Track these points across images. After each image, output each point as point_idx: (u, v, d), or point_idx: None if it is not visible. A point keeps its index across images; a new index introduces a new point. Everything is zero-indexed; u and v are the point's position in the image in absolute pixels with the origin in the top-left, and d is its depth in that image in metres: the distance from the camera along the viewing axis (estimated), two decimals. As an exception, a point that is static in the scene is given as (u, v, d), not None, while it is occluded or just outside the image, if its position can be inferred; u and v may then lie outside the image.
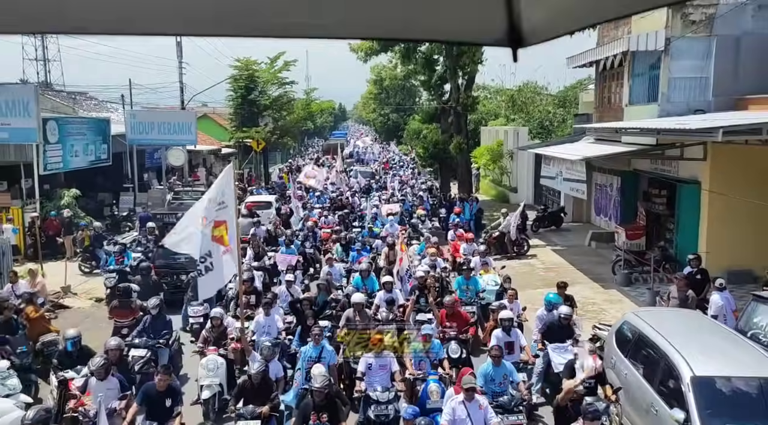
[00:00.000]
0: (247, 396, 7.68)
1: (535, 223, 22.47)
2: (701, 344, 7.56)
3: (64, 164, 21.06)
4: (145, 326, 9.78)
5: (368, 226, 19.06)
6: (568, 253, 19.02)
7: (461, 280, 12.02)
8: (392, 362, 8.20)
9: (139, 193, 26.42)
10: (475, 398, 6.86)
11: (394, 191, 27.15)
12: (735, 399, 6.68)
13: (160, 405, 7.40)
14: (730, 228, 13.98)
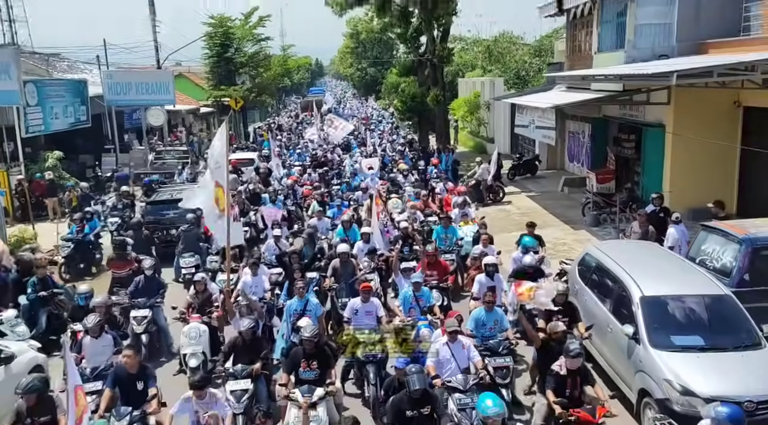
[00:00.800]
0: (237, 354, 7.58)
1: (510, 171, 23.20)
2: (652, 269, 8.40)
3: (45, 127, 21.19)
4: (138, 287, 9.80)
5: (345, 180, 19.47)
6: (542, 198, 19.85)
7: (440, 229, 12.38)
8: (378, 307, 8.42)
9: (121, 154, 26.55)
10: (458, 339, 7.11)
11: (374, 147, 27.60)
12: (679, 314, 7.54)
13: (131, 388, 6.91)
14: (692, 168, 14.77)
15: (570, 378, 6.46)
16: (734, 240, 8.84)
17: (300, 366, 7.02)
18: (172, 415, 6.55)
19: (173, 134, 34.62)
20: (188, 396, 6.55)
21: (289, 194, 17.90)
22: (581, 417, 6.14)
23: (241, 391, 7.10)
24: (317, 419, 6.52)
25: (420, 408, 6.21)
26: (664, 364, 6.88)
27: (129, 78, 26.58)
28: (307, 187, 18.65)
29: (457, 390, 6.72)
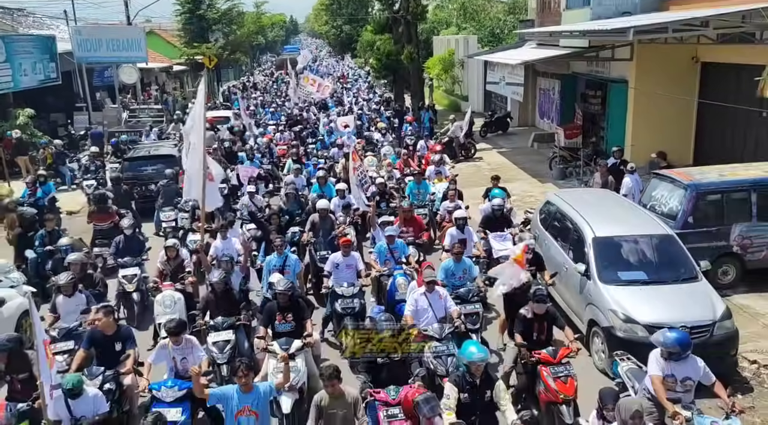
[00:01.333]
0: (212, 308, 7.63)
1: (482, 128, 23.70)
2: (605, 214, 9.07)
3: (14, 84, 20.96)
4: (119, 247, 9.75)
5: (320, 138, 19.72)
6: (512, 154, 20.45)
7: (413, 185, 12.62)
8: (358, 261, 8.61)
9: (93, 112, 26.39)
10: (435, 289, 7.26)
11: (350, 105, 27.73)
12: (626, 253, 8.22)
13: (109, 349, 6.80)
14: (653, 122, 15.41)
15: (537, 322, 6.68)
16: (680, 186, 9.53)
17: (276, 319, 7.11)
18: (149, 363, 6.61)
19: (146, 93, 34.28)
20: (164, 343, 6.64)
21: (265, 153, 18.06)
22: (542, 358, 6.40)
23: (223, 342, 7.24)
24: (296, 369, 6.56)
25: (389, 355, 6.30)
26: (610, 296, 7.59)
27: (99, 34, 26.17)
28: (281, 147, 18.85)
29: (433, 338, 6.85)
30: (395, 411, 5.81)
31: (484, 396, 5.54)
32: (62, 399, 5.66)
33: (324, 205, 10.40)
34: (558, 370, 6.31)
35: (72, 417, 5.69)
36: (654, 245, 8.17)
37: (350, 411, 5.53)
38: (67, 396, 5.65)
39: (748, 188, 9.40)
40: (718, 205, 9.46)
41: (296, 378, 6.50)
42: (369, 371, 6.29)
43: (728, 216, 9.39)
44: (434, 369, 6.67)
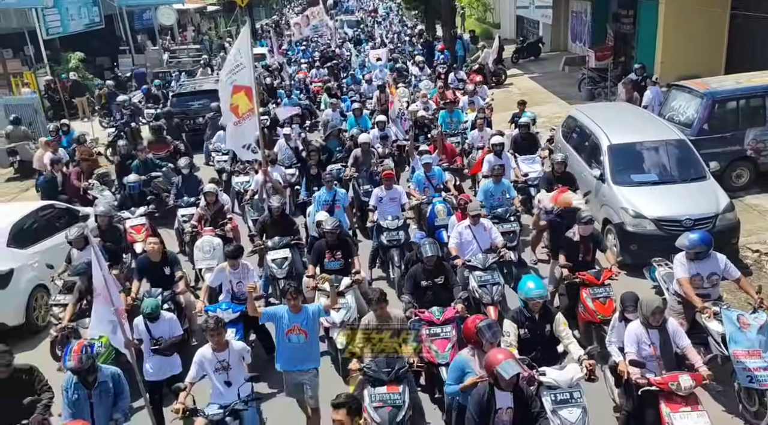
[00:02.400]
0: (268, 230, 7.99)
1: (514, 55, 23.80)
2: (622, 124, 9.67)
3: (63, 28, 22.02)
4: (178, 187, 9.90)
5: (351, 72, 19.97)
6: (543, 78, 20.68)
7: (445, 114, 12.60)
8: (402, 194, 8.68)
9: (136, 55, 27.44)
10: (480, 222, 7.29)
11: (382, 38, 27.87)
12: (639, 157, 8.89)
13: (158, 273, 7.14)
14: (683, 38, 15.42)
15: (582, 244, 6.79)
16: (697, 95, 10.01)
17: (324, 258, 7.23)
18: (207, 286, 6.97)
19: (182, 35, 35.06)
20: (222, 267, 6.90)
21: (302, 88, 18.45)
22: (585, 279, 6.53)
23: (281, 259, 7.68)
24: (346, 306, 6.70)
25: (434, 278, 6.41)
26: (622, 196, 8.34)
27: (137, -23, 26.81)
28: (316, 83, 19.04)
29: (478, 268, 6.95)
30: (437, 330, 6.02)
31: (544, 330, 5.45)
32: (142, 323, 6.00)
33: (366, 139, 10.41)
34: (598, 291, 6.46)
35: (151, 338, 5.98)
36: (666, 150, 8.80)
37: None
38: (147, 318, 5.98)
39: (763, 94, 9.83)
40: (733, 111, 9.95)
41: (347, 315, 6.64)
42: (413, 293, 6.39)
43: (742, 122, 9.90)
44: (479, 298, 6.79)
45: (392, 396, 5.15)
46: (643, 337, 5.21)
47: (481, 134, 11.08)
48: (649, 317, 5.15)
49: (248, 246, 8.45)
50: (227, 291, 6.85)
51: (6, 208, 9.55)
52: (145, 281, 7.16)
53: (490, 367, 4.42)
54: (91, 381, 5.02)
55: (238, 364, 5.39)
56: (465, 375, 4.97)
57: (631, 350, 5.20)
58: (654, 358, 5.19)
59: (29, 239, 8.19)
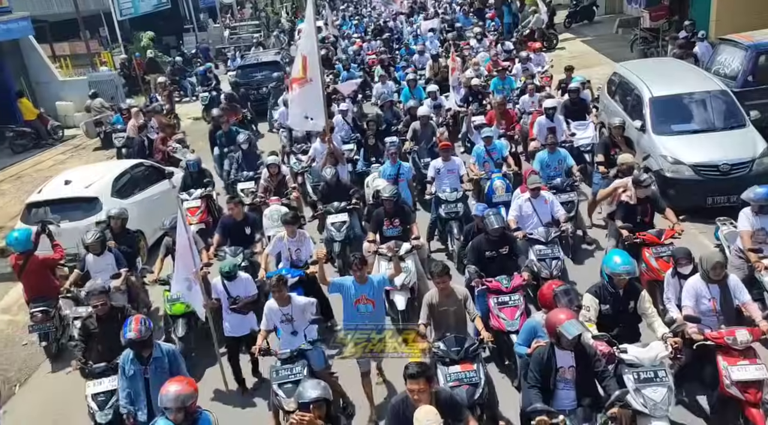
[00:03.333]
0: (327, 197, 8.42)
1: (567, 19, 23.77)
2: (665, 77, 10.03)
3: (134, 10, 23.53)
4: (239, 162, 10.06)
5: (404, 43, 20.20)
6: (596, 41, 20.71)
7: (497, 80, 12.67)
8: (460, 166, 8.59)
9: (199, 32, 28.85)
10: (540, 194, 7.19)
11: (434, 9, 28.07)
12: (680, 108, 9.27)
13: (240, 233, 7.60)
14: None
15: (640, 206, 6.75)
16: (742, 47, 10.24)
17: (383, 225, 7.38)
18: (266, 254, 7.22)
19: (240, 12, 36.39)
20: (281, 235, 7.10)
21: (357, 61, 18.61)
22: (646, 239, 6.50)
23: (340, 222, 8.04)
24: (406, 269, 6.83)
25: (498, 249, 6.37)
26: (661, 144, 8.80)
27: (198, -43, 28.07)
28: (371, 56, 19.18)
29: (539, 241, 6.92)
30: (505, 299, 6.04)
31: (628, 307, 5.19)
32: (220, 282, 6.34)
33: (425, 112, 10.41)
34: (660, 250, 6.42)
35: (229, 297, 6.29)
36: (706, 100, 9.16)
37: (461, 307, 5.54)
38: (225, 278, 6.29)
39: (809, 45, 9.95)
40: (778, 63, 10.12)
41: (407, 278, 6.82)
42: (478, 263, 6.38)
43: (788, 73, 10.06)
44: (538, 271, 6.74)
45: (468, 374, 5.12)
46: (702, 291, 5.20)
47: (531, 99, 11.15)
48: (709, 272, 5.12)
49: (309, 214, 9.37)
50: (286, 259, 7.07)
51: (106, 165, 10.87)
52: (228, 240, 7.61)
53: (552, 327, 4.41)
54: (147, 356, 5.09)
55: (301, 316, 5.67)
56: (536, 338, 4.99)
57: (688, 304, 5.19)
58: (713, 313, 5.17)
59: (127, 191, 9.41)
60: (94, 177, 9.33)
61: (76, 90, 18.40)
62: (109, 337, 5.68)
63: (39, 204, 8.67)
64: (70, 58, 23.13)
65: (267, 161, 9.25)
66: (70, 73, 21.24)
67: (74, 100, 18.34)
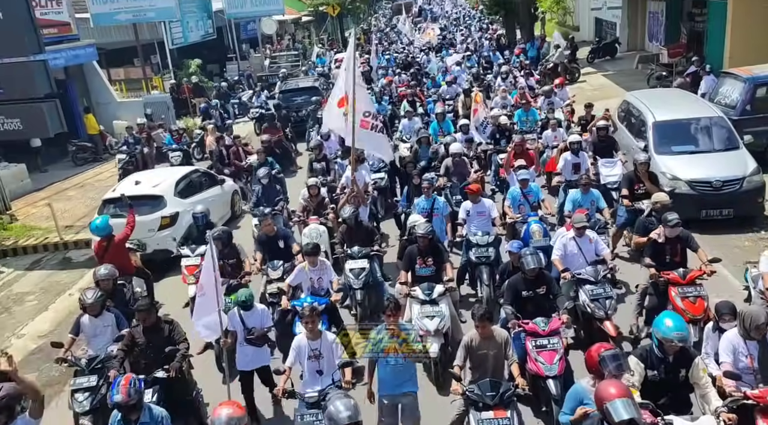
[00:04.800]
0: (348, 239, 8.16)
1: (590, 54, 24.99)
2: (669, 105, 11.11)
3: (184, 39, 25.41)
4: (258, 196, 10.14)
5: (431, 76, 20.99)
6: (616, 76, 21.82)
7: (521, 112, 13.00)
8: (492, 208, 8.33)
9: (241, 61, 30.76)
10: (585, 234, 7.07)
11: (466, 44, 29.20)
12: (680, 132, 10.32)
13: (274, 246, 7.94)
14: (751, 34, 16.19)
15: (669, 245, 6.69)
16: (741, 80, 11.29)
17: (416, 263, 7.10)
18: (288, 284, 7.19)
19: (279, 43, 38.47)
20: (302, 266, 7.13)
21: (386, 92, 18.73)
22: (671, 279, 6.43)
23: (359, 269, 7.77)
24: (440, 314, 6.59)
25: (536, 289, 6.19)
26: (662, 163, 9.83)
27: (244, -8, 30.19)
28: (401, 89, 19.30)
29: (589, 281, 6.71)
30: (544, 342, 5.81)
31: (678, 375, 4.80)
32: (236, 313, 6.28)
33: (458, 149, 10.32)
34: (687, 290, 6.33)
35: (245, 328, 6.22)
36: (703, 125, 10.24)
37: (500, 351, 5.37)
38: (241, 308, 6.27)
39: (802, 78, 10.94)
40: (774, 94, 11.12)
41: (441, 323, 6.57)
42: (514, 304, 6.21)
43: (783, 103, 11.04)
44: (591, 313, 6.54)
45: (501, 421, 4.94)
46: (740, 347, 4.99)
47: (554, 133, 11.45)
48: (752, 331, 4.91)
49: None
50: (308, 288, 7.08)
51: (170, 170, 12.30)
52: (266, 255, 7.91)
53: (600, 401, 3.95)
54: (135, 419, 4.78)
55: (330, 353, 5.48)
56: (582, 406, 4.57)
57: (726, 360, 5.00)
58: (751, 370, 4.94)
59: (186, 192, 10.73)
60: (160, 179, 10.77)
61: (132, 110, 20.12)
62: (153, 350, 5.78)
63: (113, 200, 10.02)
64: (124, 82, 25.07)
65: (308, 182, 9.63)
66: (126, 96, 23.08)
67: (129, 120, 20.03)
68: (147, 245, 9.66)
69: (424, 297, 6.72)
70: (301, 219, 9.36)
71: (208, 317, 5.92)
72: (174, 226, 9.99)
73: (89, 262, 10.70)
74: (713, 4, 17.89)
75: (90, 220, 10.80)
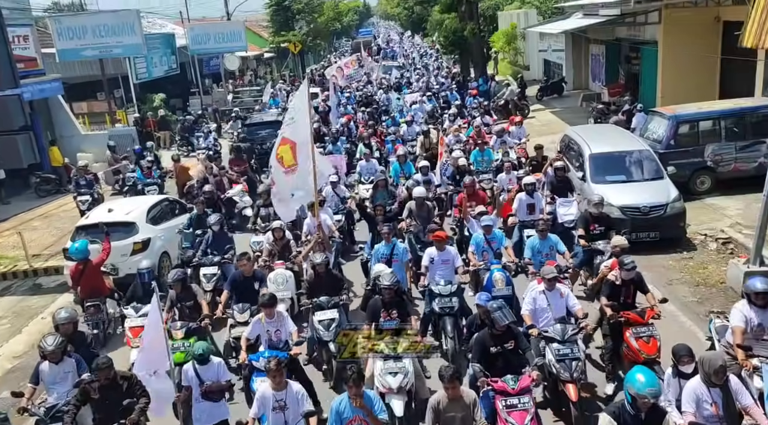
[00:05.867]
0: (315, 289, 7.65)
1: (538, 92, 26.61)
2: (603, 139, 12.33)
3: (148, 74, 26.02)
4: (208, 243, 9.71)
5: (391, 115, 21.40)
6: (562, 113, 23.37)
7: (476, 153, 13.12)
8: (456, 257, 8.10)
9: (204, 96, 31.40)
10: (556, 287, 6.77)
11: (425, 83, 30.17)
12: (614, 164, 11.46)
13: (249, 288, 7.66)
14: (680, 77, 17.84)
15: (624, 287, 6.85)
16: (666, 118, 12.59)
17: (380, 317, 6.79)
18: (246, 338, 6.76)
19: (240, 79, 39.33)
20: (258, 318, 6.83)
21: (345, 132, 18.49)
22: (630, 318, 6.53)
23: (329, 320, 7.33)
24: (404, 370, 6.30)
25: (503, 344, 6.03)
26: (597, 190, 10.83)
27: (207, 29, 31.05)
28: (361, 126, 19.29)
29: (556, 340, 6.42)
30: (514, 401, 5.64)
31: None
32: (191, 368, 6.08)
33: (420, 192, 10.08)
34: (641, 330, 6.43)
35: (201, 382, 5.98)
36: (634, 158, 11.40)
37: (468, 413, 5.27)
38: (197, 361, 6.04)
39: (718, 117, 12.35)
40: (694, 130, 12.45)
41: (405, 380, 6.27)
42: (482, 360, 6.00)
43: (702, 139, 12.40)
44: (557, 374, 6.30)
45: None
46: (703, 396, 4.98)
47: (509, 176, 11.52)
48: (711, 376, 4.93)
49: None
50: (265, 341, 6.74)
51: (142, 198, 12.94)
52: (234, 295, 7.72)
53: None
54: None
55: (295, 404, 5.43)
56: None
57: (689, 410, 5.00)
58: (716, 418, 4.98)
59: (157, 219, 11.24)
60: (132, 207, 11.28)
61: (96, 143, 20.54)
62: (109, 406, 5.62)
63: (87, 227, 10.44)
64: (87, 115, 25.39)
65: (273, 225, 9.26)
66: (89, 129, 23.40)
67: (93, 152, 20.40)
68: (120, 270, 10.11)
69: (388, 352, 6.41)
70: (267, 264, 8.91)
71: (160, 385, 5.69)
72: (146, 251, 10.46)
73: (60, 288, 11.11)
74: (646, 49, 19.60)
75: (58, 248, 11.30)
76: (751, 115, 12.07)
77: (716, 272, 9.60)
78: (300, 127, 8.44)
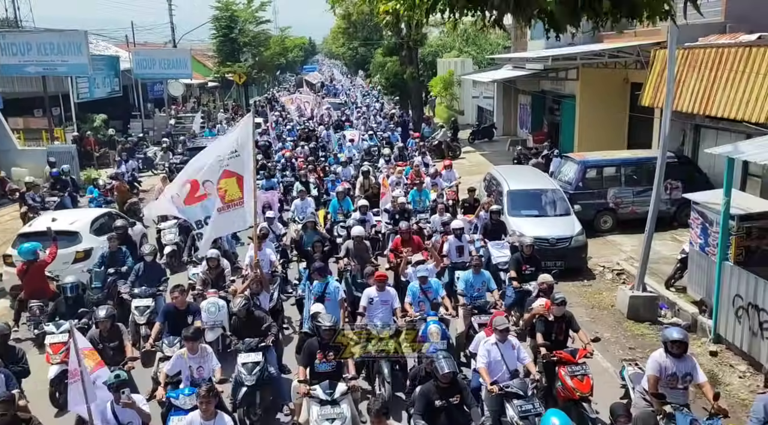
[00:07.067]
0: (239, 332, 7.43)
1: (470, 136, 28.40)
2: (521, 178, 13.75)
3: (90, 94, 26.14)
4: (138, 274, 9.30)
5: (332, 153, 21.35)
6: (491, 155, 25.10)
7: (414, 192, 13.53)
8: (395, 298, 8.01)
9: (145, 120, 31.57)
10: (507, 339, 6.64)
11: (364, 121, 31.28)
12: (528, 200, 12.83)
13: (182, 322, 7.46)
14: (594, 130, 19.82)
15: (557, 324, 7.06)
16: (575, 162, 14.18)
17: (316, 358, 6.60)
18: (165, 373, 6.56)
19: (183, 105, 39.60)
20: (180, 353, 6.61)
21: (286, 167, 18.63)
22: (563, 357, 6.69)
23: (252, 363, 7.04)
24: (341, 416, 6.10)
25: (449, 398, 5.87)
26: (513, 223, 12.14)
27: (153, 55, 31.46)
28: (301, 160, 18.40)
29: (518, 395, 6.25)
30: None
31: None
32: (109, 409, 5.79)
33: (359, 232, 10.02)
34: (575, 369, 6.60)
35: (118, 423, 5.76)
36: (545, 195, 12.84)
37: None
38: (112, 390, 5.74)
39: (619, 164, 14.04)
40: (599, 175, 14.07)
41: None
42: (425, 415, 5.80)
43: (605, 183, 14.03)
44: None
45: None
46: None
47: (441, 218, 11.48)
48: None
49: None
50: (187, 377, 6.52)
51: (86, 210, 13.33)
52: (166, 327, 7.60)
53: None
54: None
55: None
56: None
57: None
58: None
59: (100, 231, 11.60)
60: (76, 217, 11.65)
61: (33, 159, 20.49)
62: None
63: (29, 235, 10.74)
64: (23, 131, 25.11)
65: (208, 254, 9.10)
66: (24, 144, 23.21)
67: (29, 167, 20.28)
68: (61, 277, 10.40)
69: (325, 397, 6.22)
70: (200, 293, 8.82)
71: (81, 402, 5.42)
72: (87, 260, 10.84)
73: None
74: (566, 102, 21.60)
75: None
76: (647, 164, 13.76)
77: (608, 297, 10.98)
78: (245, 160, 8.36)
